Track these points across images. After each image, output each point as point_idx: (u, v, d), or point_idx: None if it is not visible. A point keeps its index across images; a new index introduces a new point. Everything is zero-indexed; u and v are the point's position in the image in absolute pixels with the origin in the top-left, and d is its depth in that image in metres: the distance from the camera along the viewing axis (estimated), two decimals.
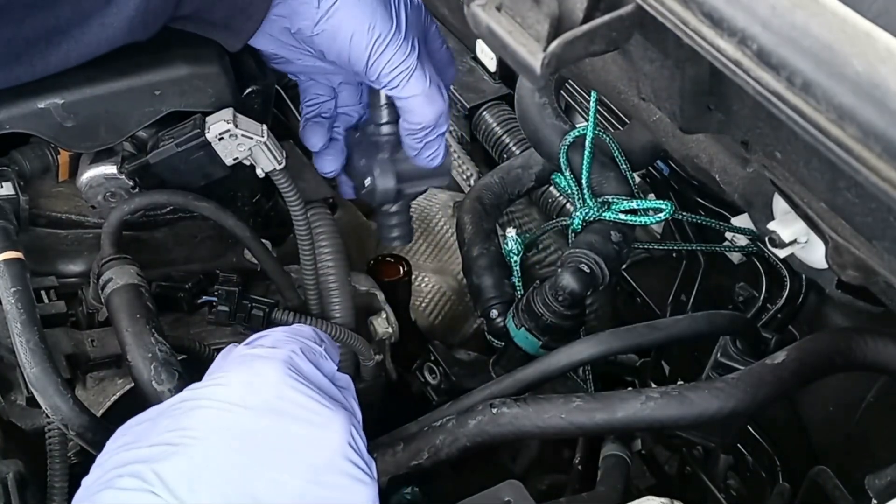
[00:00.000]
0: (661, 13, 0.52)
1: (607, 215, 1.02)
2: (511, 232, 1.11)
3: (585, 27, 0.54)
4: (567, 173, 1.04)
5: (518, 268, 1.11)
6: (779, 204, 0.77)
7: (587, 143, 1.02)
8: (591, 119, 1.01)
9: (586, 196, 1.03)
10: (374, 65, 0.96)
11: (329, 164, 1.09)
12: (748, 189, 0.80)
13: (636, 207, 1.01)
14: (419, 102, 0.99)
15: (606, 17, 0.54)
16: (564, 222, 1.07)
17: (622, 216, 1.01)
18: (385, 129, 1.07)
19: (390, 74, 0.97)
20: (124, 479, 0.65)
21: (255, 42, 1.00)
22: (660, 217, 1.01)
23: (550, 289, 0.98)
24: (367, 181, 1.05)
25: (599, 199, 1.03)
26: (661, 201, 1.01)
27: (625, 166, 1.05)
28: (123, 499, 0.64)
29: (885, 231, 0.55)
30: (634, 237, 1.05)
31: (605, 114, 1.21)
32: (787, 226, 0.75)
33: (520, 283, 1.10)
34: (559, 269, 0.99)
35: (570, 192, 1.05)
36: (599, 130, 1.03)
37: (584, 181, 1.03)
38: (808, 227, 0.71)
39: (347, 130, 1.10)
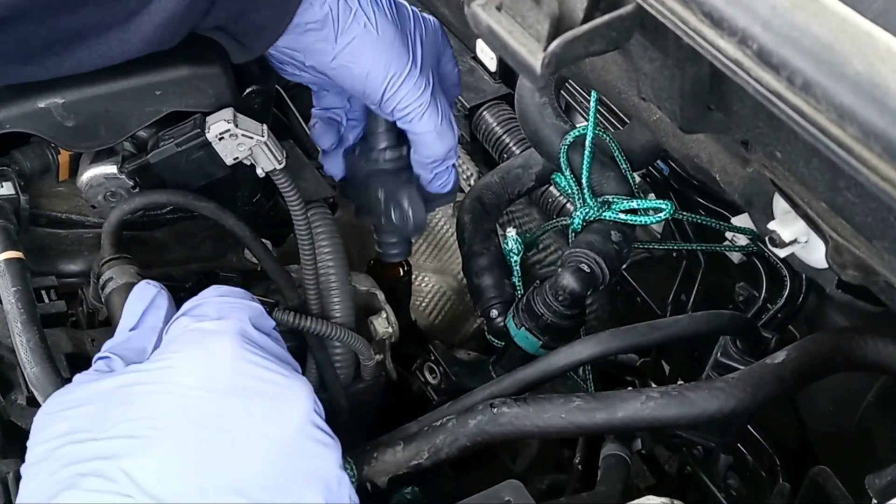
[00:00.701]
0: (662, 13, 0.52)
1: (607, 215, 1.02)
2: (511, 232, 1.11)
3: (585, 27, 0.54)
4: (567, 173, 1.04)
5: (518, 267, 1.11)
6: (779, 203, 0.76)
7: (587, 142, 1.02)
8: (591, 119, 1.01)
9: (586, 196, 1.03)
10: (389, 100, 0.97)
11: (337, 167, 1.11)
12: (748, 189, 0.80)
13: (636, 207, 1.01)
14: (431, 138, 1.00)
15: (606, 16, 0.54)
16: (564, 222, 1.07)
17: (622, 216, 1.01)
18: (388, 155, 1.08)
19: (404, 110, 0.98)
20: (89, 480, 0.63)
21: (268, 53, 1.00)
22: (660, 217, 1.01)
23: (551, 288, 0.98)
24: (395, 214, 1.06)
25: (599, 199, 1.03)
26: (662, 201, 1.01)
27: (625, 166, 1.05)
28: (93, 501, 0.62)
29: (885, 231, 0.55)
30: (635, 237, 1.05)
31: (606, 113, 1.21)
32: (787, 225, 0.75)
33: (520, 283, 1.10)
34: (559, 269, 0.99)
35: (570, 191, 1.05)
36: (599, 130, 1.03)
37: (584, 181, 1.03)
38: (808, 227, 0.71)
39: (351, 145, 1.12)
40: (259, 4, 0.91)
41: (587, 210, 1.03)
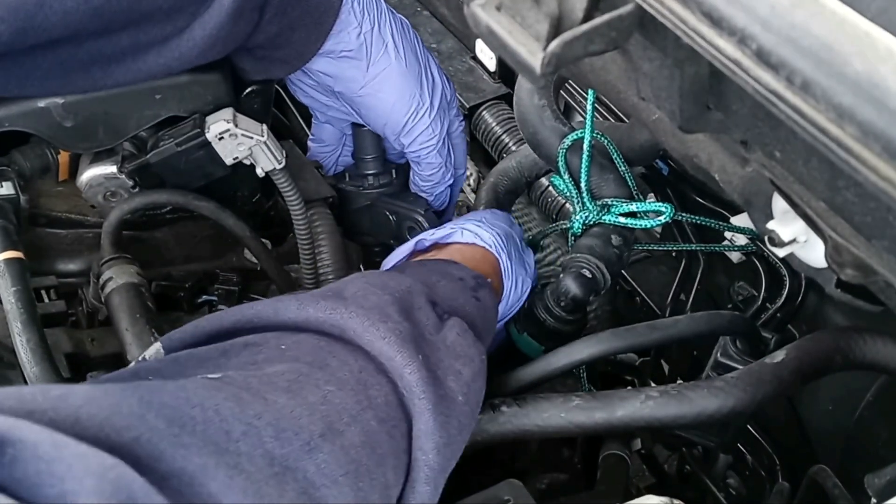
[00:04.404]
0: (661, 12, 0.52)
1: (607, 218, 1.01)
2: None
3: (585, 27, 0.54)
4: (566, 176, 1.03)
5: None
6: (778, 203, 0.76)
7: (585, 145, 1.01)
8: (588, 122, 1.01)
9: (585, 199, 1.02)
10: (409, 133, 1.01)
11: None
12: (747, 188, 0.79)
13: (636, 210, 1.01)
14: (436, 170, 1.06)
15: (606, 16, 0.54)
16: (564, 226, 1.07)
17: (622, 219, 1.00)
18: (382, 180, 1.12)
19: (421, 143, 1.02)
20: None
21: (293, 78, 1.02)
22: (660, 220, 1.00)
23: (552, 294, 0.98)
24: (410, 235, 1.08)
25: (599, 203, 1.02)
26: (662, 204, 1.01)
27: (623, 168, 1.04)
28: None
29: (884, 230, 0.55)
30: (635, 239, 1.04)
31: (605, 113, 1.21)
32: (786, 225, 0.75)
33: None
34: (561, 275, 0.98)
35: (568, 194, 1.04)
36: (598, 133, 1.02)
37: (583, 184, 1.02)
38: (807, 227, 0.71)
39: (340, 172, 1.16)
40: (295, 26, 0.92)
41: (587, 214, 1.02)
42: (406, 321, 0.72)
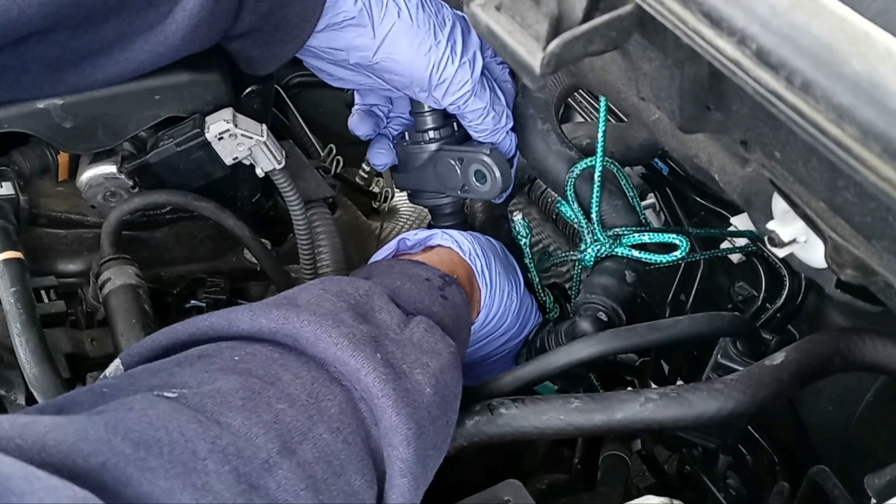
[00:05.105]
0: (661, 13, 0.52)
1: (619, 251, 1.00)
2: (517, 216, 1.10)
3: (585, 27, 0.54)
4: (575, 206, 1.02)
5: (528, 249, 1.09)
6: (778, 203, 0.76)
7: (596, 175, 0.99)
8: (599, 150, 0.98)
9: (597, 231, 1.00)
10: (439, 86, 0.98)
11: (381, 158, 1.12)
12: (747, 188, 0.79)
13: (648, 241, 0.99)
14: (483, 115, 1.01)
15: (606, 16, 0.54)
16: (574, 257, 1.05)
17: (635, 252, 0.99)
18: (442, 133, 1.08)
19: (455, 93, 0.98)
20: None
21: (302, 56, 1.00)
22: (675, 255, 0.98)
23: (567, 336, 0.97)
24: (477, 180, 1.05)
25: (610, 233, 1.01)
26: (676, 235, 0.98)
27: (632, 193, 1.02)
28: None
29: (884, 230, 0.55)
30: (647, 271, 1.03)
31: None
32: (786, 225, 0.75)
33: (532, 264, 1.09)
34: (576, 317, 0.97)
35: (577, 223, 1.02)
36: (608, 161, 1.01)
37: (594, 215, 1.00)
38: (807, 227, 0.71)
39: (398, 134, 1.12)
40: (286, 0, 0.90)
41: (599, 247, 1.01)
42: (363, 324, 0.73)
